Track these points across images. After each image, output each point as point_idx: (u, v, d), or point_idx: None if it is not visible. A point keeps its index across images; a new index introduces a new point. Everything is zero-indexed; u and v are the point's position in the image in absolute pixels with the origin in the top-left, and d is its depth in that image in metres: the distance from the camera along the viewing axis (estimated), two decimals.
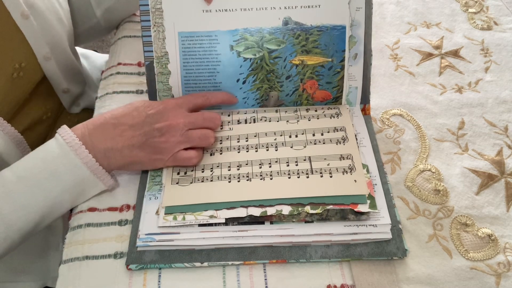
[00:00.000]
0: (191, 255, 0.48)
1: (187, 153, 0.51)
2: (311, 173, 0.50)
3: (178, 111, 0.51)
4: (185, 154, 0.51)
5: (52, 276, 0.67)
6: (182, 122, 0.50)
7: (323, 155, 0.52)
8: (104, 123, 0.49)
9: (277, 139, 0.54)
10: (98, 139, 0.48)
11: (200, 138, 0.51)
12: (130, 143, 0.48)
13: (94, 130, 0.48)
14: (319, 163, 0.51)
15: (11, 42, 0.55)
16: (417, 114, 0.62)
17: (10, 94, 0.56)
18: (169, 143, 0.49)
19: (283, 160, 0.52)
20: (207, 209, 0.48)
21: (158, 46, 0.55)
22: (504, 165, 0.56)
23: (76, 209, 0.53)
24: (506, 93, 0.64)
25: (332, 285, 0.47)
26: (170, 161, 0.51)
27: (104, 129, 0.49)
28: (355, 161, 0.51)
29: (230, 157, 0.53)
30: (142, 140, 0.49)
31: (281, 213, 0.48)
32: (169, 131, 0.49)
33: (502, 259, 0.49)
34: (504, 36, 0.71)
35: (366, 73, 0.57)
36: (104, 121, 0.49)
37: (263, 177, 0.50)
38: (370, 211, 0.48)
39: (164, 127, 0.49)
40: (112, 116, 0.49)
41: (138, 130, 0.49)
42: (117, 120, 0.49)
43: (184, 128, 0.50)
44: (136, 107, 0.50)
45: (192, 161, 0.51)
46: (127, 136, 0.48)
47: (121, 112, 0.50)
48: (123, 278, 0.47)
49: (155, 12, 0.54)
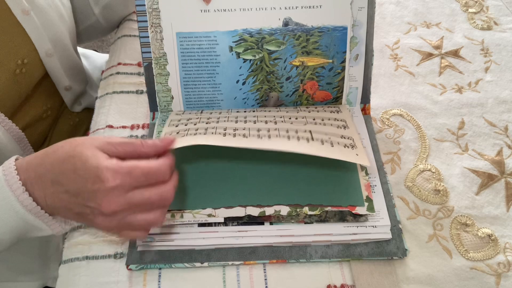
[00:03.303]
0: (191, 255, 0.48)
1: (130, 234, 0.43)
2: (311, 139, 0.48)
3: (117, 189, 0.40)
4: (132, 234, 0.43)
5: (52, 276, 0.67)
6: (118, 207, 0.40)
7: (324, 131, 0.51)
8: (44, 176, 0.42)
9: (276, 117, 0.53)
10: (38, 191, 0.42)
11: (144, 226, 0.43)
12: (66, 208, 0.42)
13: (35, 179, 0.42)
14: (320, 135, 0.50)
15: (14, 38, 0.55)
16: (417, 114, 0.62)
17: (12, 90, 0.56)
18: (101, 227, 0.42)
19: (283, 128, 0.50)
20: (205, 205, 0.48)
21: (156, 47, 0.55)
22: (504, 165, 0.56)
23: None
24: (506, 93, 0.64)
25: (332, 285, 0.47)
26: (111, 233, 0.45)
27: (43, 183, 0.42)
28: (356, 142, 0.50)
29: (226, 123, 0.51)
30: (76, 210, 0.42)
31: (279, 213, 0.48)
32: (101, 215, 0.41)
33: (502, 259, 0.49)
34: (504, 36, 0.71)
35: (367, 73, 0.57)
36: (45, 173, 0.42)
37: (260, 137, 0.48)
38: (368, 213, 0.48)
39: (95, 209, 0.41)
40: (52, 170, 0.42)
41: (73, 199, 0.41)
42: (55, 177, 0.41)
43: (121, 214, 0.41)
44: (77, 173, 0.40)
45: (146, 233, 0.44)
46: (63, 199, 0.42)
47: (61, 169, 0.42)
48: (123, 278, 0.47)
49: (152, 12, 0.54)
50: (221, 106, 0.58)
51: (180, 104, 0.58)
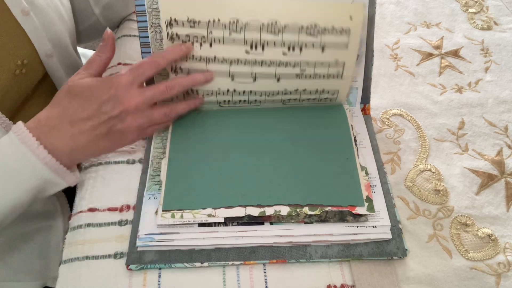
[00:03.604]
0: (191, 255, 0.48)
1: (154, 129, 0.51)
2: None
3: (132, 91, 0.47)
4: (151, 131, 0.52)
5: (52, 276, 0.67)
6: (139, 102, 0.47)
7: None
8: (60, 123, 0.45)
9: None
10: (58, 141, 0.45)
11: (165, 115, 0.50)
12: (93, 137, 0.46)
13: (50, 132, 0.45)
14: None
15: (14, 39, 0.55)
16: (417, 114, 0.62)
17: (12, 91, 0.56)
18: (132, 128, 0.48)
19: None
20: (205, 205, 0.48)
21: (156, 47, 0.55)
22: (504, 165, 0.56)
23: (76, 209, 0.53)
24: (506, 93, 0.64)
25: (332, 285, 0.47)
26: (138, 138, 0.51)
27: (61, 130, 0.45)
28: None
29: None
30: (104, 130, 0.46)
31: (279, 213, 0.48)
32: (128, 115, 0.47)
33: (502, 259, 0.49)
34: (504, 36, 0.71)
35: (367, 73, 0.57)
36: (58, 120, 0.46)
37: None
38: (368, 213, 0.48)
39: (122, 112, 0.46)
40: (64, 113, 0.46)
41: (97, 120, 0.46)
42: (71, 117, 0.45)
43: (143, 108, 0.48)
44: (85, 97, 0.46)
45: (166, 124, 0.52)
46: (87, 130, 0.46)
47: (71, 106, 0.46)
48: (123, 278, 0.47)
49: (151, 12, 0.53)
50: None
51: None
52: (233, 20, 0.50)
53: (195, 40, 0.52)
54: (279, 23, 0.51)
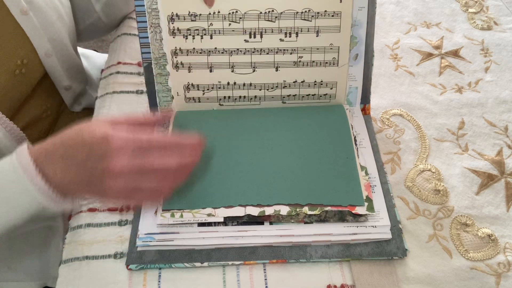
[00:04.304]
0: (191, 255, 0.48)
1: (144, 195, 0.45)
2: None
3: (123, 150, 0.42)
4: (138, 202, 0.46)
5: (52, 276, 0.67)
6: (124, 167, 0.41)
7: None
8: (54, 152, 0.44)
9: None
10: (49, 168, 0.43)
11: (149, 194, 0.44)
12: (76, 181, 0.43)
13: (46, 157, 0.44)
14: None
15: (13, 39, 0.55)
16: (417, 114, 0.62)
17: (12, 90, 0.56)
18: (112, 191, 0.43)
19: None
20: (204, 204, 0.48)
21: (156, 47, 0.55)
22: (504, 165, 0.56)
23: (76, 209, 0.53)
24: (506, 93, 0.64)
25: (332, 285, 0.47)
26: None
27: (53, 159, 0.44)
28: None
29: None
30: (86, 178, 0.43)
31: (279, 213, 0.48)
32: (110, 176, 0.42)
33: (502, 259, 0.49)
34: (504, 36, 0.71)
35: (367, 73, 0.57)
36: (54, 149, 0.44)
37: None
38: (368, 213, 0.48)
39: (105, 169, 0.42)
40: (62, 145, 0.44)
41: (82, 167, 0.42)
42: (65, 151, 0.43)
43: (128, 176, 0.42)
44: (83, 139, 0.43)
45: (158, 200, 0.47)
46: (73, 172, 0.43)
47: (70, 142, 0.44)
48: (123, 278, 0.47)
49: (151, 13, 0.54)
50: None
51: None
52: (233, 11, 0.52)
53: (196, 33, 0.53)
54: (275, 11, 0.52)
